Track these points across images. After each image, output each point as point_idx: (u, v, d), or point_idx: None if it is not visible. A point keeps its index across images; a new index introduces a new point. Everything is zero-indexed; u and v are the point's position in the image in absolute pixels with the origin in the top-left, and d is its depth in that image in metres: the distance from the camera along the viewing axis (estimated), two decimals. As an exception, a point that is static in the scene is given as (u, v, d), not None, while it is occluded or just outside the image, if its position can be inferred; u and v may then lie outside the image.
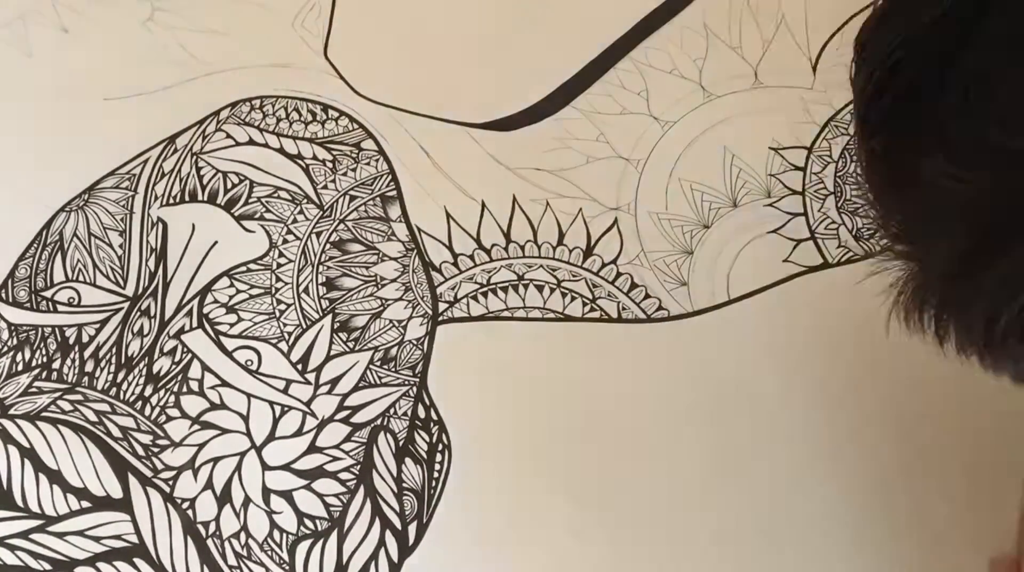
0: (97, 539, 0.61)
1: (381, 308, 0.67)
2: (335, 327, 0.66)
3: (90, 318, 0.67)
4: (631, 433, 0.63)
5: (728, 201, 0.68)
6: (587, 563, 0.60)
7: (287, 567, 0.60)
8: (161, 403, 0.64)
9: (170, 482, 0.62)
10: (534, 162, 0.71)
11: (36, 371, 0.65)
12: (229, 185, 0.70)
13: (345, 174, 0.71)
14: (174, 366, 0.65)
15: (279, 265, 0.68)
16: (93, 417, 0.64)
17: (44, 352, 0.66)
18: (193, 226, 0.69)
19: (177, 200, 0.70)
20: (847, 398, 0.63)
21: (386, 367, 0.65)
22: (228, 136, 0.72)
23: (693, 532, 0.61)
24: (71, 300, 0.67)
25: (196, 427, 0.64)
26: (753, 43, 0.74)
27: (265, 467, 0.62)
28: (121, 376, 0.65)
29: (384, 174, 0.71)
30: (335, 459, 0.63)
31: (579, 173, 0.70)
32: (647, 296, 0.67)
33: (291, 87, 0.74)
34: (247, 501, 0.62)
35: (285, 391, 0.64)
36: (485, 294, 0.67)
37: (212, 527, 0.61)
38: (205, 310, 0.67)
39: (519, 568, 0.60)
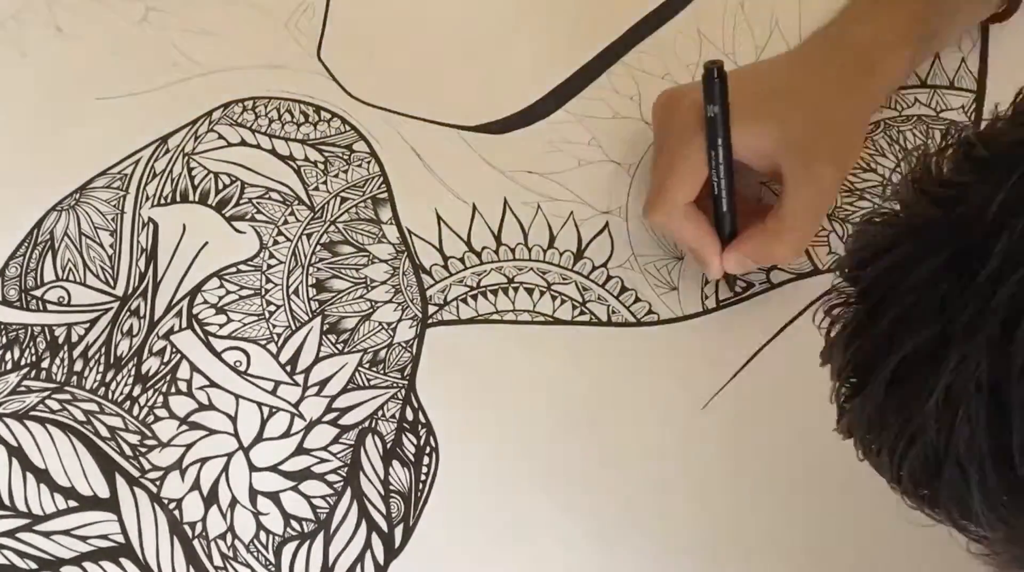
0: (83, 539, 0.61)
1: (371, 310, 0.67)
2: (324, 329, 0.66)
3: (80, 317, 0.67)
4: (619, 437, 0.63)
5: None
6: (573, 568, 0.60)
7: (273, 568, 0.60)
8: (149, 403, 0.64)
9: (157, 482, 0.62)
10: (526, 165, 0.71)
11: (25, 370, 0.66)
12: (220, 186, 0.70)
13: (336, 176, 0.71)
14: (163, 366, 0.65)
15: (269, 266, 0.68)
16: (81, 417, 0.64)
17: (33, 351, 0.66)
18: (184, 226, 0.69)
19: (168, 200, 0.70)
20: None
21: (375, 369, 0.65)
22: (220, 137, 0.72)
23: (681, 538, 0.61)
24: (61, 299, 0.67)
25: (184, 428, 0.64)
26: (746, 49, 0.74)
27: (252, 468, 0.62)
28: (110, 376, 0.65)
29: (375, 176, 0.71)
30: (322, 461, 0.63)
31: (571, 176, 0.70)
32: (637, 300, 0.67)
33: (284, 88, 0.74)
34: (234, 502, 0.62)
35: (273, 392, 0.64)
36: (475, 297, 0.67)
37: (198, 528, 0.61)
38: (195, 311, 0.67)
39: (505, 572, 0.60)
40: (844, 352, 0.40)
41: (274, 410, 0.64)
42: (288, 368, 0.65)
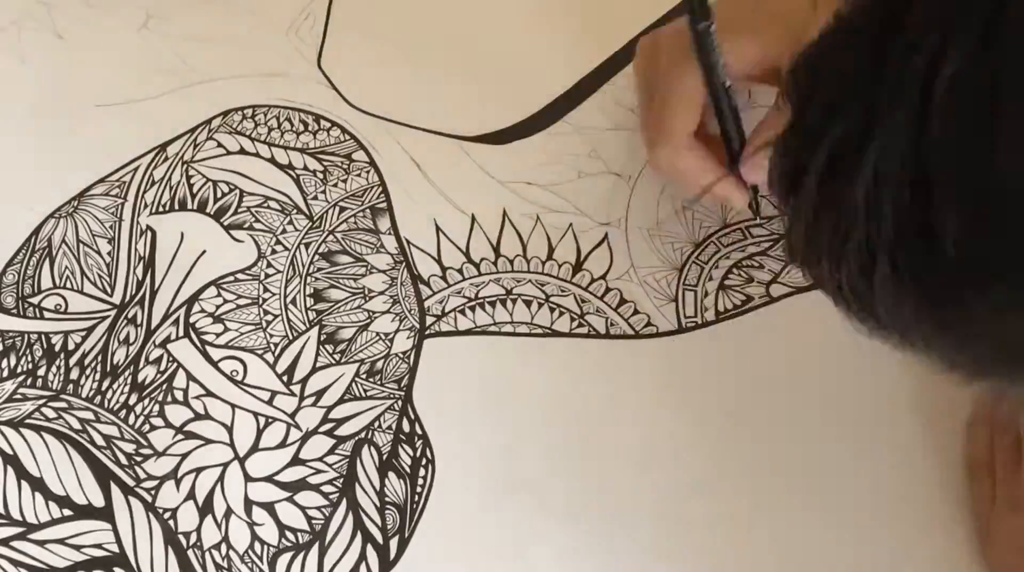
0: (78, 548, 0.61)
1: (368, 321, 0.66)
2: (321, 339, 0.66)
3: (76, 325, 0.67)
4: (617, 450, 0.63)
5: (718, 219, 0.68)
6: (569, 581, 0.60)
7: (267, 580, 0.60)
8: (145, 412, 0.64)
9: (152, 492, 0.62)
10: (525, 176, 0.71)
11: (21, 377, 0.65)
12: (219, 194, 0.70)
13: (335, 185, 0.71)
14: (159, 375, 0.65)
15: (267, 275, 0.68)
16: (77, 425, 0.64)
17: (29, 359, 0.66)
18: (182, 235, 0.69)
19: (167, 208, 0.70)
20: (834, 415, 0.63)
21: (372, 380, 0.65)
22: (219, 145, 0.72)
23: (679, 550, 0.61)
24: (58, 307, 0.67)
25: (180, 437, 0.63)
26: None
27: (248, 478, 0.62)
28: (106, 384, 0.65)
29: (375, 186, 0.71)
30: (318, 472, 0.62)
31: (570, 188, 0.70)
32: (636, 312, 0.66)
33: (284, 97, 0.74)
34: (229, 512, 0.61)
35: (270, 402, 0.64)
36: (473, 308, 0.67)
37: (193, 538, 0.61)
38: (192, 319, 0.66)
39: (500, 585, 0.60)
40: (775, 160, 0.38)
41: (270, 420, 0.64)
42: (285, 378, 0.65)
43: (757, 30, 0.60)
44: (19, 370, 0.66)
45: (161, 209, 0.70)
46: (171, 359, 0.65)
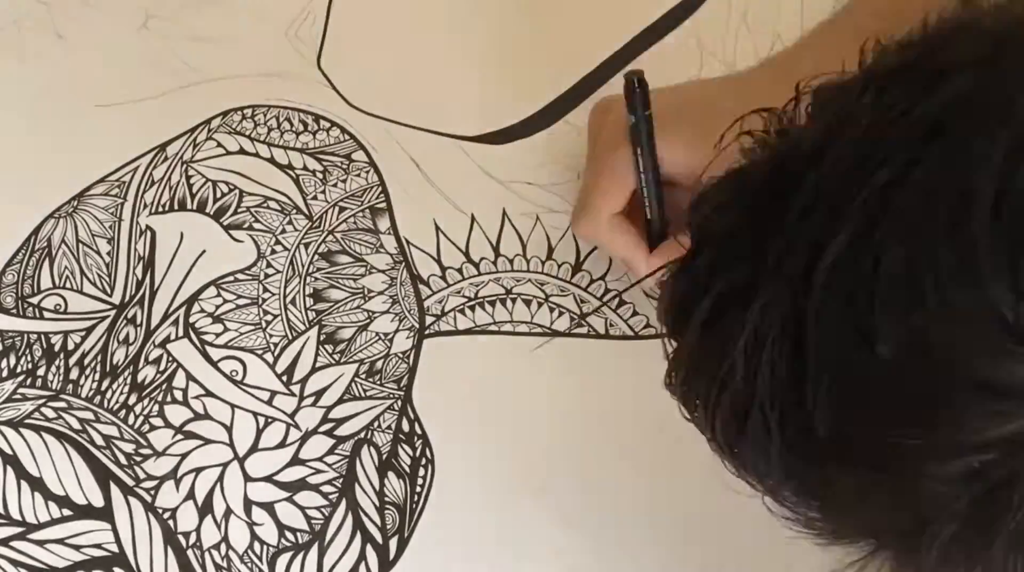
0: (77, 548, 0.61)
1: (368, 321, 0.66)
2: (321, 339, 0.66)
3: (76, 325, 0.67)
4: (616, 450, 0.63)
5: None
6: (569, 581, 0.60)
7: (267, 580, 0.60)
8: (145, 412, 0.64)
9: (152, 492, 0.62)
10: (525, 176, 0.71)
11: (21, 377, 0.65)
12: (219, 194, 0.70)
13: (335, 185, 0.71)
14: (159, 375, 0.65)
15: (267, 275, 0.68)
16: (77, 425, 0.64)
17: (29, 359, 0.66)
18: (181, 235, 0.69)
19: (166, 208, 0.70)
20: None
21: (371, 380, 0.65)
22: (219, 145, 0.72)
23: (679, 550, 0.61)
24: (57, 307, 0.67)
25: (179, 437, 0.63)
26: (747, 61, 0.73)
27: (247, 478, 0.62)
28: (106, 384, 0.65)
29: (374, 186, 0.71)
30: (318, 472, 0.62)
31: (570, 188, 0.70)
32: (635, 313, 0.66)
33: (283, 97, 0.74)
34: (228, 512, 0.61)
35: (269, 402, 0.64)
36: (472, 308, 0.67)
37: (192, 538, 0.61)
38: (191, 319, 0.66)
39: (500, 585, 0.60)
40: (666, 295, 0.40)
41: (270, 420, 0.64)
42: (284, 378, 0.65)
43: (685, 135, 0.60)
44: (19, 370, 0.66)
45: (161, 209, 0.70)
46: (171, 359, 0.65)
